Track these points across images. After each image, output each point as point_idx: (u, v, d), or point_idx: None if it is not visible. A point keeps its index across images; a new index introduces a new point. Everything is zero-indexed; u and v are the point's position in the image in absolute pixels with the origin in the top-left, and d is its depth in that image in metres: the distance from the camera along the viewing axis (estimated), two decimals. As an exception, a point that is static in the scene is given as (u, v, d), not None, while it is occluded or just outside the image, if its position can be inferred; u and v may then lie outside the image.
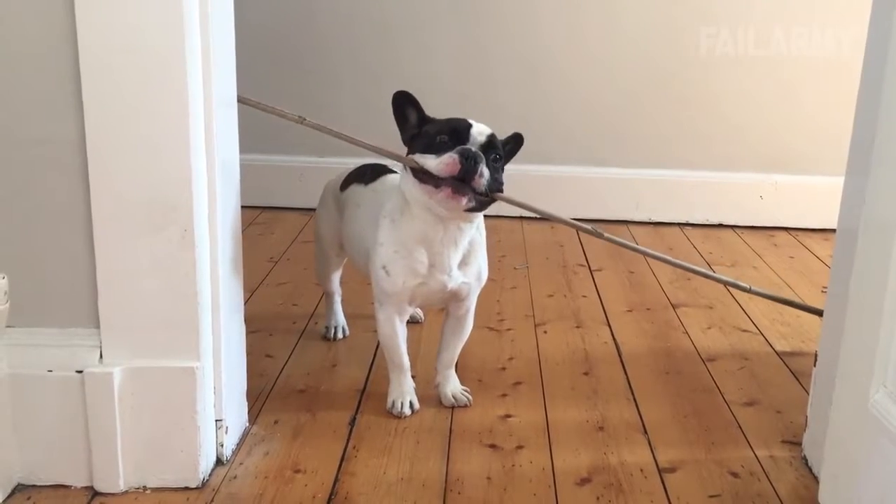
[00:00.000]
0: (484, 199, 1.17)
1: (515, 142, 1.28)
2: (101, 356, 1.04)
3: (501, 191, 1.20)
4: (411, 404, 1.30)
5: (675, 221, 2.55)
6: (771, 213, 2.52)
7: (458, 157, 1.13)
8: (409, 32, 2.49)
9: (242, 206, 1.18)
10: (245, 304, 1.22)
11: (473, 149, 1.15)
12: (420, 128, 1.22)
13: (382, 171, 1.43)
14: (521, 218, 2.52)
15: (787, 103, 2.48)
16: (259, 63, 2.45)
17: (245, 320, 1.21)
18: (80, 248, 1.02)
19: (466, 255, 1.25)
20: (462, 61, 2.50)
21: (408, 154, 1.22)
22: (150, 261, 1.02)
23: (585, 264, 2.11)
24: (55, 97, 0.98)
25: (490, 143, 1.18)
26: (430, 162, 1.15)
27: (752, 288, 1.44)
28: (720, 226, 2.53)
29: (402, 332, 1.30)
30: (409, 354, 1.32)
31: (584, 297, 1.87)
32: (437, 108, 2.43)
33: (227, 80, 1.08)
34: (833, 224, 1.16)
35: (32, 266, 1.03)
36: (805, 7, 2.41)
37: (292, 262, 2.06)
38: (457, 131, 1.17)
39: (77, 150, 0.99)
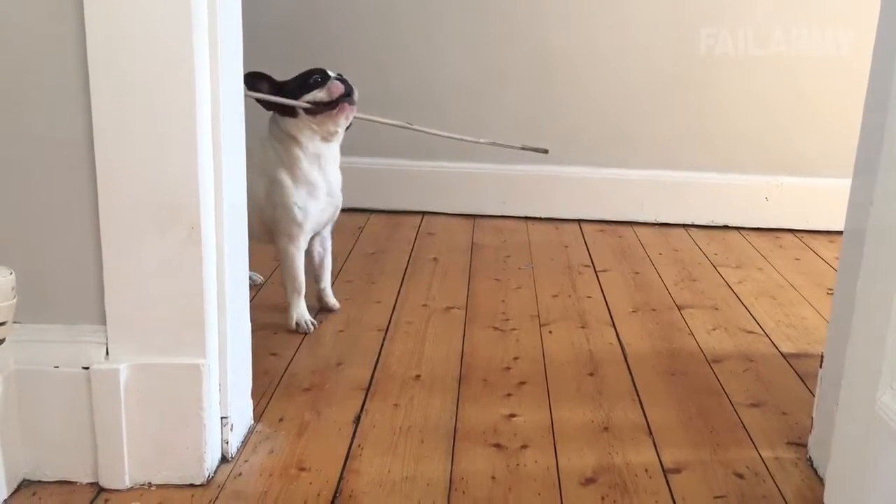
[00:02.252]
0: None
1: None
2: (107, 353, 1.04)
3: None
4: (312, 322, 1.59)
5: (681, 223, 2.54)
6: (776, 214, 2.52)
7: (338, 81, 1.53)
8: (419, 31, 2.49)
9: (249, 204, 1.19)
10: (250, 301, 1.22)
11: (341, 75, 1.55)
12: (278, 92, 1.54)
13: None
14: (526, 219, 2.52)
15: (791, 104, 2.47)
16: (266, 59, 2.45)
17: (250, 318, 1.21)
18: (87, 245, 1.03)
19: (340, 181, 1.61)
20: (471, 60, 2.49)
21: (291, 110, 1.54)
22: (157, 258, 1.02)
23: (590, 265, 2.11)
24: (63, 96, 0.99)
25: (341, 75, 1.57)
26: (321, 94, 1.53)
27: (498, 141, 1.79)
28: (725, 227, 2.53)
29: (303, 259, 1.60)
30: (414, 358, 1.36)
31: (589, 297, 1.87)
32: (445, 105, 2.47)
33: (234, 78, 1.08)
34: (838, 226, 1.16)
35: (40, 263, 1.03)
36: (805, 7, 2.41)
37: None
38: (322, 71, 1.56)
39: (84, 149, 1.00)
